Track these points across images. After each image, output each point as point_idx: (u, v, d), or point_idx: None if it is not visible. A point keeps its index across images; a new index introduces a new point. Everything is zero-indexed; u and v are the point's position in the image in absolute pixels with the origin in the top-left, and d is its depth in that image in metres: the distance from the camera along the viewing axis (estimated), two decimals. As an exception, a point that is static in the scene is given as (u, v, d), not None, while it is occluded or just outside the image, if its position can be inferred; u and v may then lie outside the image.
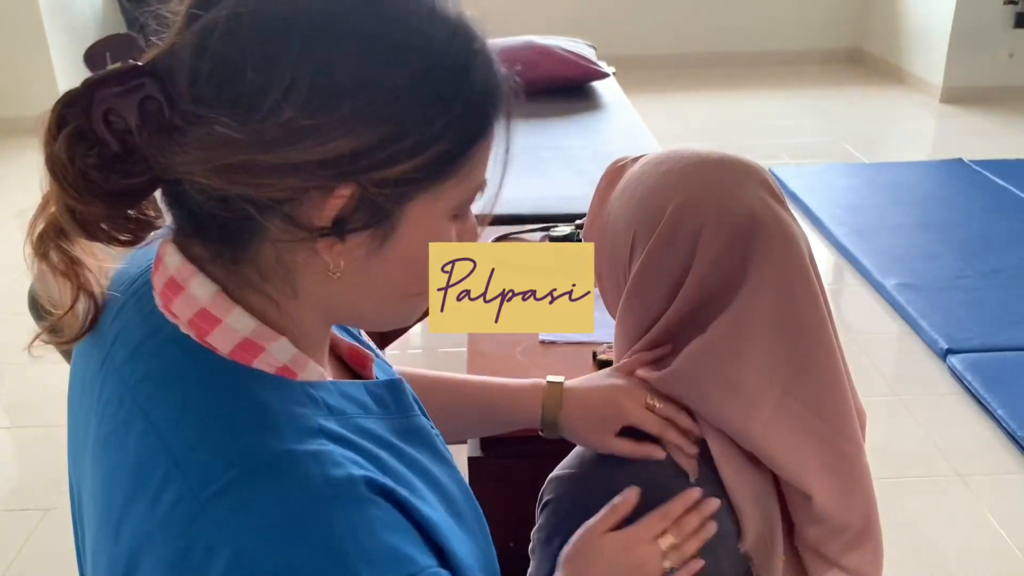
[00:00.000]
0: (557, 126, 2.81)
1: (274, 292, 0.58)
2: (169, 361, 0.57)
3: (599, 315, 1.47)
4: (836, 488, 0.85)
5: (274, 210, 0.53)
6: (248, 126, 0.51)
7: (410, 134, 0.53)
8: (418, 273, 0.60)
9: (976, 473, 2.26)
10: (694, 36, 6.32)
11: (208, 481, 0.52)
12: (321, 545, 0.50)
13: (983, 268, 3.20)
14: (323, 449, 0.54)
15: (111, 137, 0.53)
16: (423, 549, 0.55)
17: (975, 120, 5.05)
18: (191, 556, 0.50)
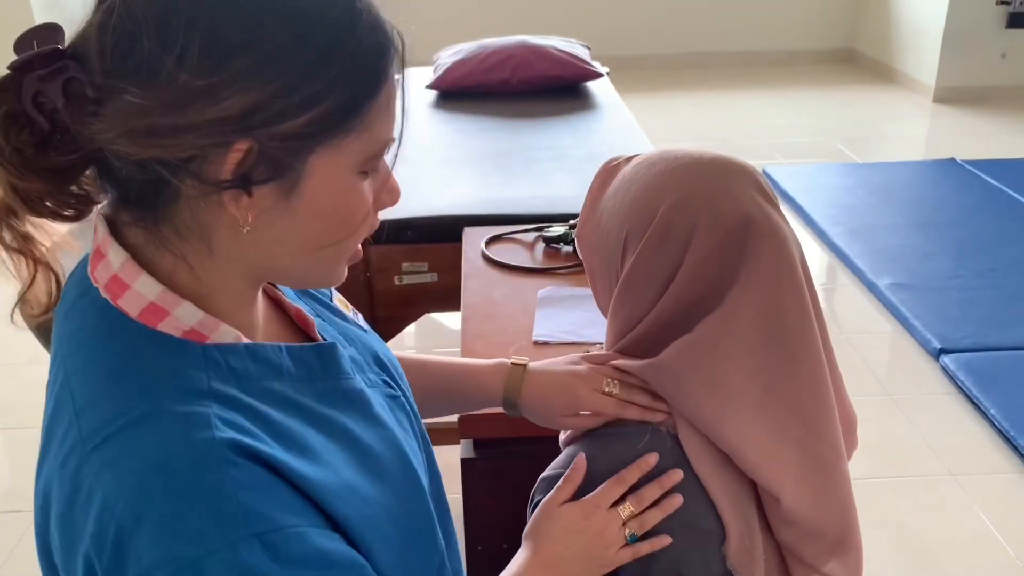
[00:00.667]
0: (551, 126, 2.81)
1: (190, 252, 0.62)
2: (88, 321, 0.64)
3: (590, 315, 1.48)
4: (810, 493, 0.84)
5: (183, 169, 0.57)
6: (150, 92, 0.55)
7: (297, 91, 0.57)
8: (328, 225, 0.64)
9: (969, 473, 2.27)
10: (688, 36, 6.33)
11: (93, 434, 0.58)
12: (172, 499, 0.55)
13: (976, 268, 3.21)
14: (197, 411, 0.59)
15: (41, 117, 0.58)
16: (293, 509, 0.59)
17: (968, 120, 5.06)
18: (77, 499, 0.58)
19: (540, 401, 0.96)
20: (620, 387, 0.91)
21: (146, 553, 0.54)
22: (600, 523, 0.83)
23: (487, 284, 1.63)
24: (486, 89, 3.10)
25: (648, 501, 0.83)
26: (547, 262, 1.71)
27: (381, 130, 0.63)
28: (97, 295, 0.63)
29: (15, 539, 2.10)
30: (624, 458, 0.86)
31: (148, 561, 0.54)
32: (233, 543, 0.55)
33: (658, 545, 0.83)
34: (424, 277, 2.07)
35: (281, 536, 0.57)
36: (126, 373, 0.60)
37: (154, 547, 0.54)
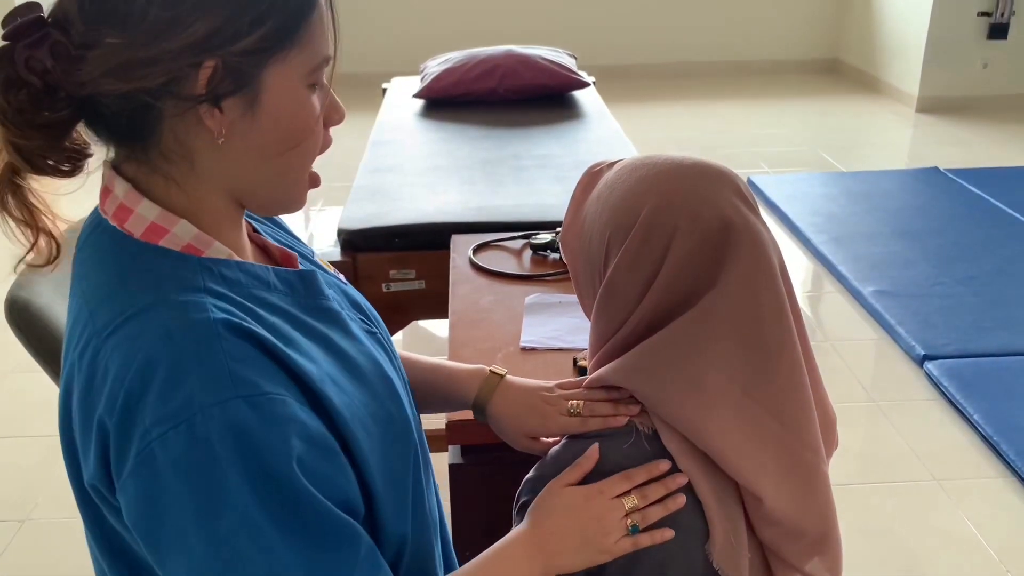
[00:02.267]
0: (538, 135, 2.82)
1: (177, 173, 0.73)
2: (100, 246, 0.74)
3: (577, 321, 1.49)
4: (790, 493, 0.86)
5: (164, 92, 0.67)
6: (127, 30, 0.65)
7: (246, 12, 0.67)
8: (286, 132, 0.73)
9: (953, 478, 2.29)
10: (674, 46, 6.37)
11: (106, 326, 0.68)
12: (171, 367, 0.65)
13: (959, 275, 3.24)
14: (193, 300, 0.68)
15: (34, 78, 0.67)
16: (278, 382, 0.67)
17: (950, 129, 5.12)
18: (95, 380, 0.68)
19: (507, 416, 1.00)
20: (583, 405, 0.93)
21: (149, 413, 0.64)
22: (600, 508, 0.84)
23: (475, 291, 1.63)
24: (473, 98, 3.11)
25: (652, 498, 0.84)
26: (534, 269, 1.72)
27: (319, 45, 0.73)
28: (106, 224, 0.74)
29: (1, 547, 2.08)
30: (609, 457, 0.87)
31: (150, 420, 0.64)
32: (222, 403, 0.64)
33: (659, 539, 0.84)
34: (412, 284, 2.08)
35: (266, 399, 0.66)
36: (132, 277, 0.71)
37: (155, 407, 0.64)
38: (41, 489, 2.28)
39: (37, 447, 2.46)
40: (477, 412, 1.02)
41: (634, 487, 0.85)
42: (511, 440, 1.00)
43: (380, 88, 3.57)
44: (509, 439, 1.00)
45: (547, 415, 0.95)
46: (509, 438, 1.00)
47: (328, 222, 3.89)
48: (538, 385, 1.01)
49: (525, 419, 0.97)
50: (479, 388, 1.01)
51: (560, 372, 1.35)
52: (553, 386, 1.00)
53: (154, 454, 0.63)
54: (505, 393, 1.00)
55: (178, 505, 0.63)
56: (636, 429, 0.88)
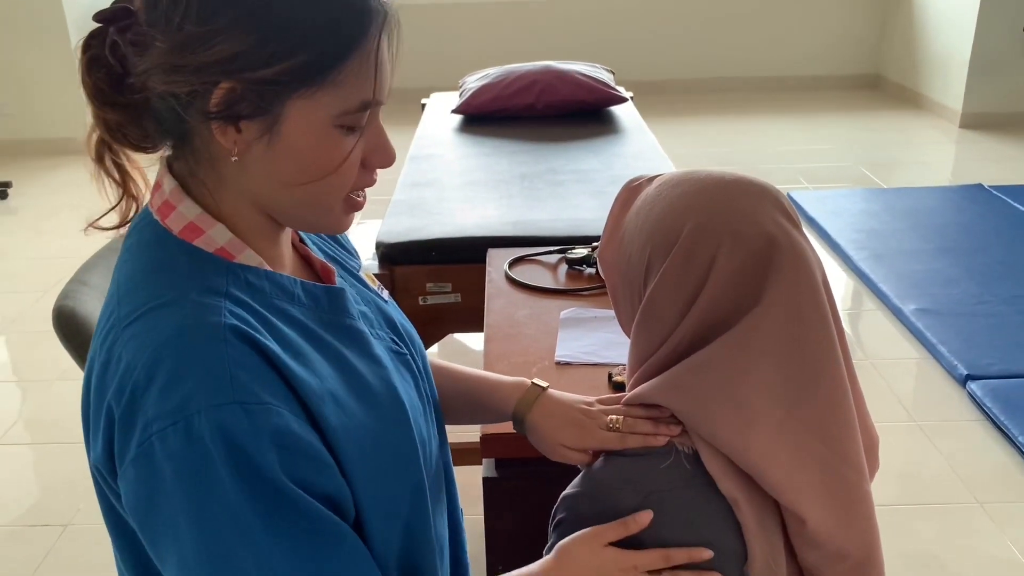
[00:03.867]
0: (575, 150, 2.83)
1: (208, 179, 0.76)
2: (142, 237, 0.78)
3: (612, 336, 1.49)
4: (834, 514, 0.84)
5: (190, 103, 0.71)
6: (166, 37, 0.69)
7: (271, 44, 0.69)
8: (302, 165, 0.74)
9: (996, 501, 2.24)
10: (712, 62, 6.35)
11: (128, 316, 0.72)
12: (176, 366, 0.67)
13: (1003, 294, 3.18)
14: (211, 303, 0.71)
15: (115, 61, 0.72)
16: (277, 394, 0.69)
17: (994, 146, 5.03)
18: (109, 366, 0.71)
19: (545, 427, 1.00)
20: (623, 421, 0.92)
21: (151, 407, 0.67)
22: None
23: (510, 305, 1.64)
24: (511, 113, 3.13)
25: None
26: (570, 284, 1.72)
27: (356, 90, 0.73)
28: (151, 217, 0.78)
29: (43, 552, 2.12)
30: (646, 477, 0.87)
31: (152, 414, 0.67)
32: (218, 405, 0.66)
33: None
34: (448, 297, 2.09)
35: (261, 408, 0.68)
36: (161, 271, 0.74)
37: (157, 402, 0.67)
38: (84, 496, 2.32)
39: (80, 453, 2.51)
40: (516, 423, 1.02)
41: (669, 567, 0.83)
42: (548, 450, 1.00)
43: (419, 103, 3.60)
44: (546, 449, 1.00)
45: (586, 428, 0.95)
46: (546, 448, 1.00)
47: (367, 235, 3.93)
48: (578, 399, 1.00)
49: (563, 430, 0.97)
50: (519, 399, 1.01)
51: (595, 387, 1.35)
52: (593, 401, 1.00)
53: (153, 447, 0.66)
54: (545, 405, 1.00)
55: (172, 499, 0.66)
56: (676, 449, 0.88)
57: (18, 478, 2.44)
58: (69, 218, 4.28)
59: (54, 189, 4.71)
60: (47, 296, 3.36)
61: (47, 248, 3.94)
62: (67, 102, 5.10)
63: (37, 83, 5.10)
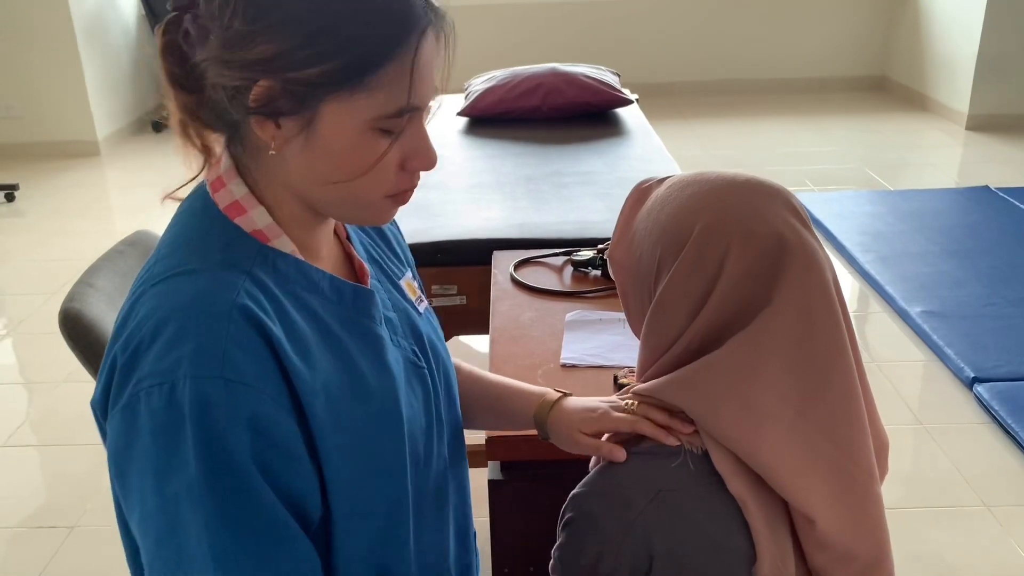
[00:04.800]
0: (580, 152, 2.83)
1: (252, 165, 0.79)
2: (193, 205, 0.81)
3: (618, 339, 1.48)
4: (843, 515, 0.84)
5: (235, 96, 0.74)
6: (219, 32, 0.72)
7: (310, 47, 0.71)
8: (336, 165, 0.76)
9: (1003, 504, 2.23)
10: (717, 64, 6.35)
11: (159, 275, 0.75)
12: (178, 330, 0.70)
13: (1010, 296, 3.17)
14: (230, 279, 0.74)
15: (186, 47, 0.75)
16: (268, 379, 0.71)
17: (1001, 148, 5.02)
18: (130, 316, 0.74)
19: (563, 421, 1.01)
20: (639, 405, 0.93)
21: (146, 364, 0.70)
22: None
23: (516, 307, 1.64)
24: (517, 115, 3.13)
25: None
26: (575, 286, 1.72)
27: (394, 95, 0.74)
28: (203, 188, 0.82)
29: (50, 553, 2.13)
30: (655, 477, 0.86)
31: (145, 371, 0.70)
32: (203, 377, 0.69)
33: None
34: (453, 300, 2.09)
35: (244, 389, 0.70)
36: (196, 241, 0.78)
37: (152, 361, 0.70)
38: (90, 497, 2.33)
39: (87, 455, 2.52)
40: (539, 425, 1.04)
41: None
42: (567, 442, 1.00)
43: (424, 106, 3.60)
44: (565, 442, 1.01)
45: (599, 411, 0.97)
46: (565, 441, 1.01)
47: (372, 238, 3.93)
48: (595, 398, 1.02)
49: (579, 419, 0.99)
50: (540, 403, 1.04)
51: (600, 389, 1.35)
52: (612, 397, 1.01)
53: (139, 401, 0.69)
54: (563, 405, 1.02)
55: (143, 455, 0.70)
56: (685, 449, 0.88)
57: (25, 480, 2.45)
58: (76, 221, 4.29)
59: (61, 192, 4.72)
60: (54, 298, 3.38)
61: (54, 250, 3.95)
62: (74, 105, 5.12)
63: (44, 86, 5.12)
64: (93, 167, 5.09)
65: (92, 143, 5.24)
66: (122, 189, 4.81)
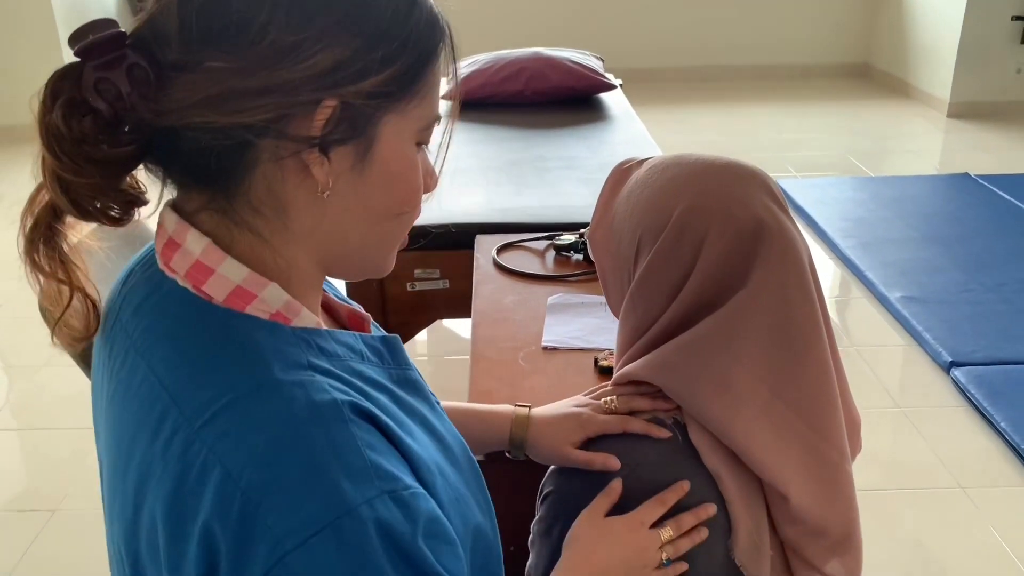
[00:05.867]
0: (564, 136, 2.83)
1: (266, 228, 0.62)
2: (168, 312, 0.62)
3: (599, 322, 1.49)
4: (815, 492, 0.86)
5: (266, 131, 0.57)
6: (238, 54, 0.56)
7: (378, 47, 0.58)
8: (395, 194, 0.64)
9: (979, 485, 2.26)
10: (701, 50, 6.35)
11: (201, 411, 0.56)
12: (303, 461, 0.54)
13: (988, 282, 3.21)
14: (309, 378, 0.58)
15: (103, 104, 0.57)
16: (407, 472, 0.59)
17: (982, 135, 5.06)
18: (187, 480, 0.55)
19: (547, 436, 0.97)
20: (619, 400, 0.93)
21: (278, 520, 0.53)
22: (643, 540, 0.84)
23: (498, 290, 1.64)
24: (500, 100, 3.13)
25: (686, 528, 0.85)
26: (557, 270, 1.73)
27: (434, 101, 0.65)
28: (174, 286, 0.62)
29: (31, 537, 2.12)
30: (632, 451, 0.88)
31: (281, 529, 0.53)
32: (370, 500, 0.54)
33: (680, 570, 0.85)
34: (436, 284, 2.09)
35: (410, 495, 0.57)
36: (223, 353, 0.59)
37: (287, 513, 0.53)
38: (71, 481, 2.32)
39: (68, 440, 2.51)
40: (515, 448, 1.00)
41: (668, 515, 0.85)
42: (557, 458, 0.95)
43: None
44: (555, 458, 0.96)
45: (584, 419, 0.95)
46: (555, 457, 0.95)
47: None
48: (565, 402, 1.01)
49: (563, 430, 0.95)
50: (512, 427, 0.99)
51: (581, 372, 1.36)
52: (581, 397, 1.00)
53: (290, 568, 0.52)
54: (538, 420, 0.99)
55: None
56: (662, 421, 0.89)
57: (5, 464, 2.43)
58: (55, 204, 4.26)
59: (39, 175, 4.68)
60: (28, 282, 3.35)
61: (33, 234, 3.92)
62: (53, 87, 5.07)
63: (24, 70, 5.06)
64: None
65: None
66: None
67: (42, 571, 2.04)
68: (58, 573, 2.03)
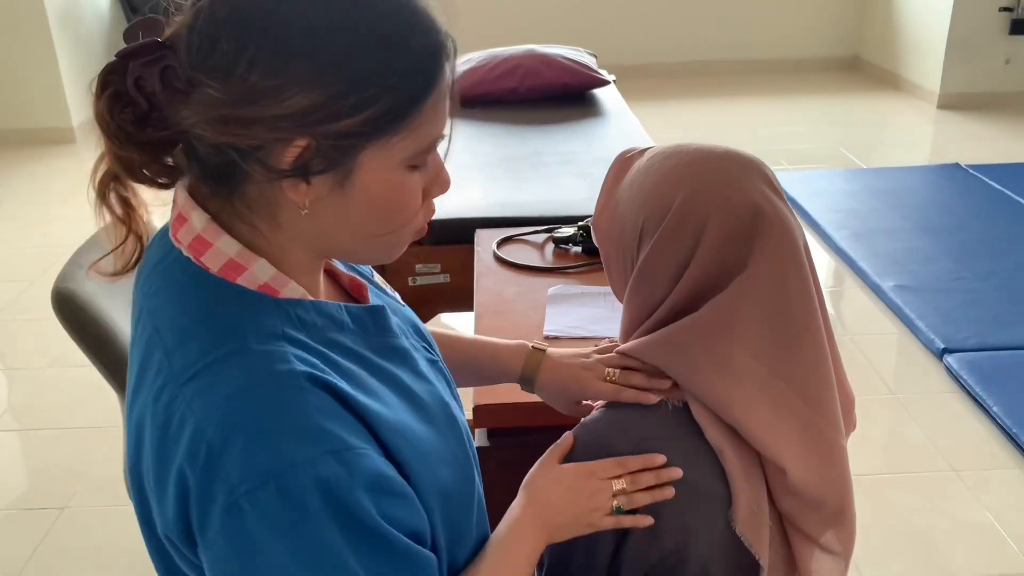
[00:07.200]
0: (559, 132, 2.86)
1: (260, 223, 0.71)
2: (173, 278, 0.72)
3: (599, 311, 1.53)
4: (812, 465, 0.89)
5: (251, 156, 0.66)
6: (225, 87, 0.63)
7: (352, 95, 0.64)
8: (379, 215, 0.71)
9: (971, 469, 2.31)
10: (693, 45, 6.38)
11: (185, 370, 0.66)
12: (257, 421, 0.63)
13: (979, 270, 3.25)
14: (276, 349, 0.67)
15: (141, 98, 0.66)
16: (359, 435, 0.67)
17: (972, 125, 5.10)
18: (169, 429, 0.66)
19: (553, 385, 1.06)
20: (620, 374, 0.98)
21: (234, 468, 0.62)
22: (593, 487, 0.89)
23: (499, 283, 1.68)
24: (496, 97, 3.16)
25: (641, 485, 0.88)
26: (557, 262, 1.77)
27: (430, 129, 0.70)
28: (179, 255, 0.72)
29: (39, 536, 2.15)
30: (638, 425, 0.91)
31: (236, 476, 0.62)
32: (312, 459, 0.63)
33: (640, 522, 0.88)
34: (437, 278, 2.12)
35: (353, 455, 0.65)
36: (211, 319, 0.69)
37: (241, 463, 0.62)
38: (80, 479, 2.35)
39: (76, 438, 2.54)
40: (525, 383, 1.08)
41: (626, 472, 0.89)
42: (557, 405, 1.06)
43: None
44: (556, 404, 1.07)
45: (585, 380, 1.01)
46: (556, 403, 1.06)
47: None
48: (576, 353, 1.06)
49: (568, 386, 1.03)
50: (524, 364, 1.06)
51: (583, 359, 1.39)
52: (590, 351, 1.05)
53: (243, 510, 0.62)
54: (549, 366, 1.05)
55: (273, 561, 0.62)
56: (665, 403, 0.93)
57: (10, 465, 2.46)
58: (54, 207, 4.27)
59: (38, 179, 4.69)
60: (34, 285, 3.37)
61: (33, 237, 3.93)
62: (48, 92, 5.08)
63: (18, 73, 5.07)
64: (69, 154, 5.05)
65: (67, 130, 5.20)
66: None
67: (52, 568, 2.07)
68: (67, 570, 2.05)
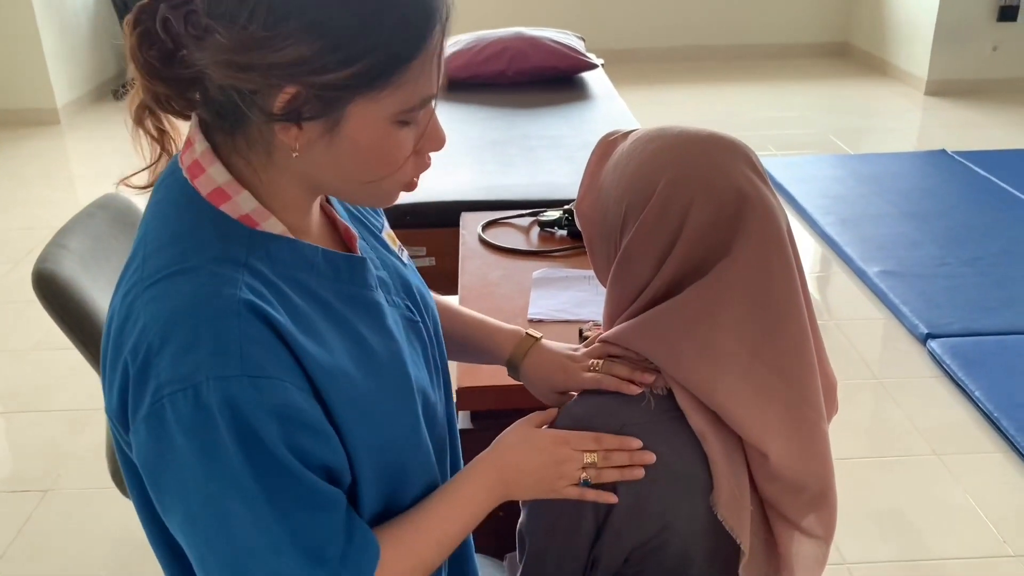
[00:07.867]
0: (546, 115, 2.86)
1: (255, 159, 0.77)
2: (170, 193, 0.79)
3: (583, 295, 1.53)
4: (794, 449, 0.89)
5: (250, 98, 0.71)
6: (230, 34, 0.68)
7: (339, 50, 0.69)
8: (365, 163, 0.76)
9: (953, 452, 2.33)
10: (682, 29, 6.37)
11: (150, 276, 0.74)
12: (190, 335, 0.70)
13: (963, 256, 3.27)
14: (229, 274, 0.73)
15: (167, 38, 0.72)
16: (286, 369, 0.72)
17: (959, 112, 5.12)
18: (128, 322, 0.73)
19: (537, 373, 1.06)
20: (603, 364, 0.98)
21: (163, 370, 0.69)
22: (564, 455, 0.89)
23: (484, 266, 1.68)
24: (483, 80, 3.14)
25: (613, 462, 0.89)
26: (542, 245, 1.76)
27: (419, 87, 0.73)
28: (180, 174, 0.78)
29: (23, 518, 2.14)
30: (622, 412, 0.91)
31: (164, 377, 0.69)
32: (227, 377, 0.69)
33: (603, 499, 0.89)
34: (423, 261, 2.12)
35: (268, 383, 0.70)
36: (187, 237, 0.75)
37: (169, 367, 0.69)
38: (64, 461, 2.34)
39: (60, 420, 2.53)
40: (511, 369, 1.08)
41: (601, 448, 0.89)
42: (540, 395, 1.06)
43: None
44: (539, 394, 1.07)
45: (570, 370, 1.01)
46: (539, 393, 1.07)
47: (339, 204, 3.93)
48: (567, 347, 1.06)
49: (553, 375, 1.03)
50: (514, 348, 1.08)
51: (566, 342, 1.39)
52: (580, 347, 1.05)
53: (164, 408, 0.69)
54: (537, 354, 1.06)
55: (180, 459, 0.70)
56: (649, 390, 0.93)
57: (-4, 446, 2.45)
58: (37, 189, 4.24)
59: (21, 160, 4.65)
60: (18, 267, 3.35)
61: (16, 219, 3.90)
62: (32, 73, 5.03)
63: (1, 53, 5.01)
64: (53, 135, 5.01)
65: (51, 111, 5.15)
66: (83, 157, 4.75)
67: (35, 550, 2.06)
68: (51, 551, 2.05)
